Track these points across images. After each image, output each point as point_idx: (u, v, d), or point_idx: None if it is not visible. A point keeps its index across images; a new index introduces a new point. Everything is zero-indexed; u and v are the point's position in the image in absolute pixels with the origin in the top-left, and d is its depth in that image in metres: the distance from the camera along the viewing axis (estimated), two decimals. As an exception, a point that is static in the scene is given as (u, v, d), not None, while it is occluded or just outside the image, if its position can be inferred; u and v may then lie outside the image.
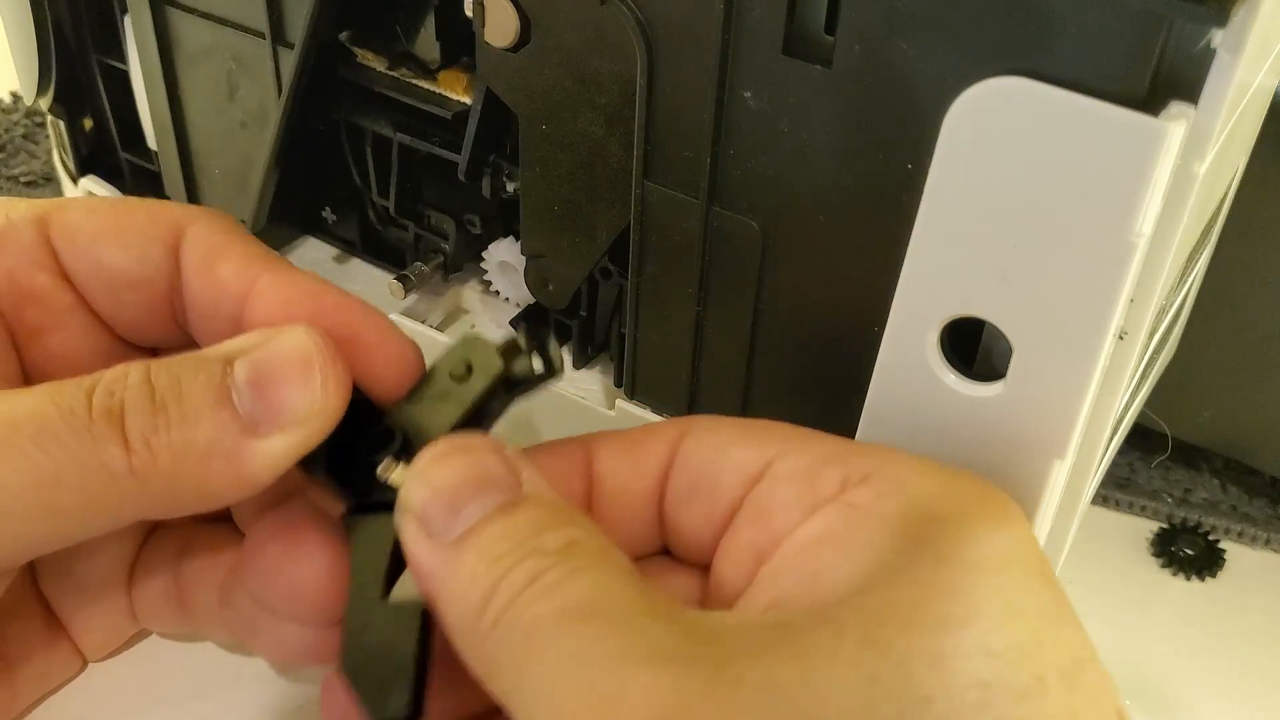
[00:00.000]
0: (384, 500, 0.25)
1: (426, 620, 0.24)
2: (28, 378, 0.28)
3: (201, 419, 0.24)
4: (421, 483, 0.24)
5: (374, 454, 0.26)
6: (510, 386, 0.26)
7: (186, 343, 0.29)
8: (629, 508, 0.27)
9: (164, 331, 0.29)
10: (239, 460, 0.24)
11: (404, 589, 0.25)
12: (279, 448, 0.25)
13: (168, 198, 0.41)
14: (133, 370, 0.25)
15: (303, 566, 0.26)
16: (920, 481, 0.24)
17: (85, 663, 0.32)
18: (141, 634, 0.32)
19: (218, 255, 0.28)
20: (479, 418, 0.26)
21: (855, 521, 0.23)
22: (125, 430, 0.24)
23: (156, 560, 0.31)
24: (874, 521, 0.23)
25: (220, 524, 0.31)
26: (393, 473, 0.25)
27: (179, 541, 0.30)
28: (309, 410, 0.25)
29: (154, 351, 0.30)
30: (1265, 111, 0.32)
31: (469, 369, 0.26)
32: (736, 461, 0.26)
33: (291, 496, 0.28)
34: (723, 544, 0.26)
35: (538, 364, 0.26)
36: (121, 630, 0.32)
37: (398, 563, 0.25)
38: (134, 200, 0.29)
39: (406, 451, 0.25)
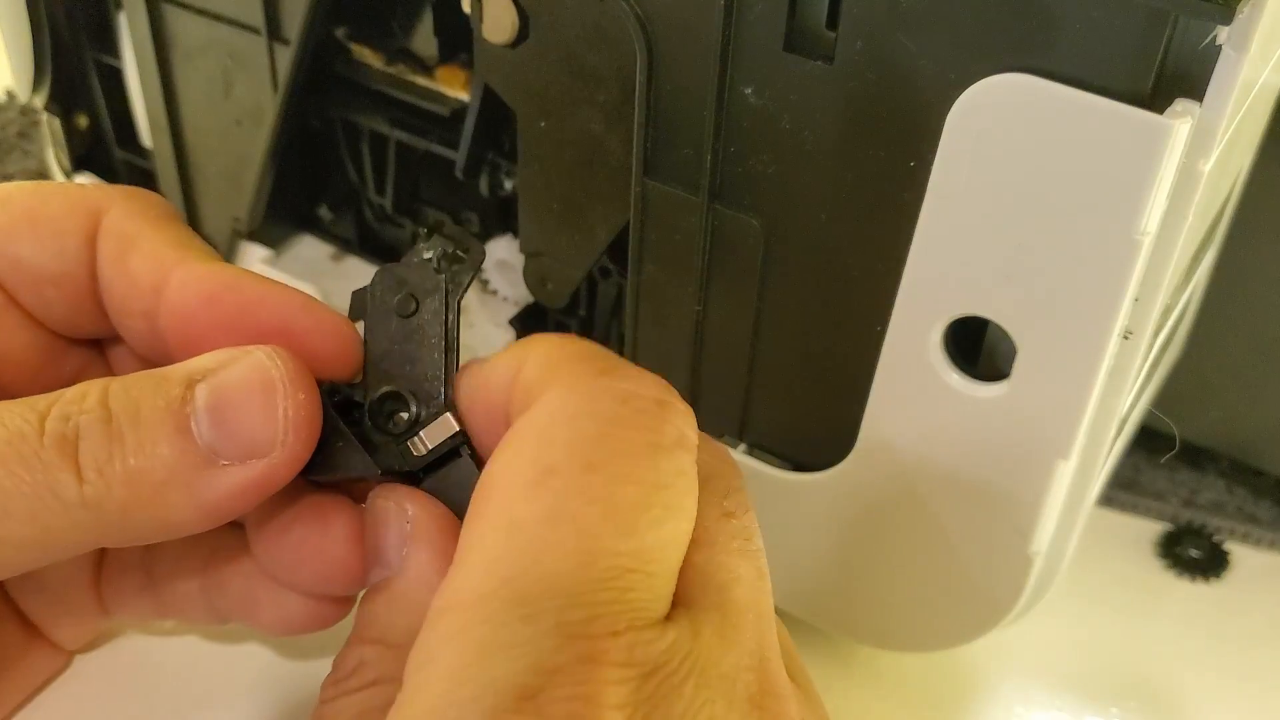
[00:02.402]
0: (416, 465, 0.25)
1: None
2: None
3: (158, 447, 0.23)
4: None
5: (387, 426, 0.25)
6: (455, 289, 0.26)
7: (115, 336, 0.28)
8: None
9: (96, 324, 0.28)
10: (197, 492, 0.23)
11: None
12: (239, 480, 0.23)
13: (163, 195, 0.41)
14: (91, 391, 0.23)
15: (333, 546, 0.26)
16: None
17: (70, 655, 0.31)
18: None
19: (129, 246, 0.27)
20: (454, 339, 0.26)
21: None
22: (78, 457, 0.23)
23: (124, 555, 0.30)
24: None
25: None
26: (425, 444, 0.25)
27: None
28: (270, 441, 0.24)
29: (98, 343, 0.30)
30: (1271, 109, 0.31)
31: (413, 299, 0.26)
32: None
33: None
34: None
35: (466, 255, 0.26)
36: (94, 624, 0.31)
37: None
38: (50, 187, 0.28)
39: (419, 412, 0.25)
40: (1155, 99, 0.22)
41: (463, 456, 0.25)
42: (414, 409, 0.25)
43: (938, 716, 0.34)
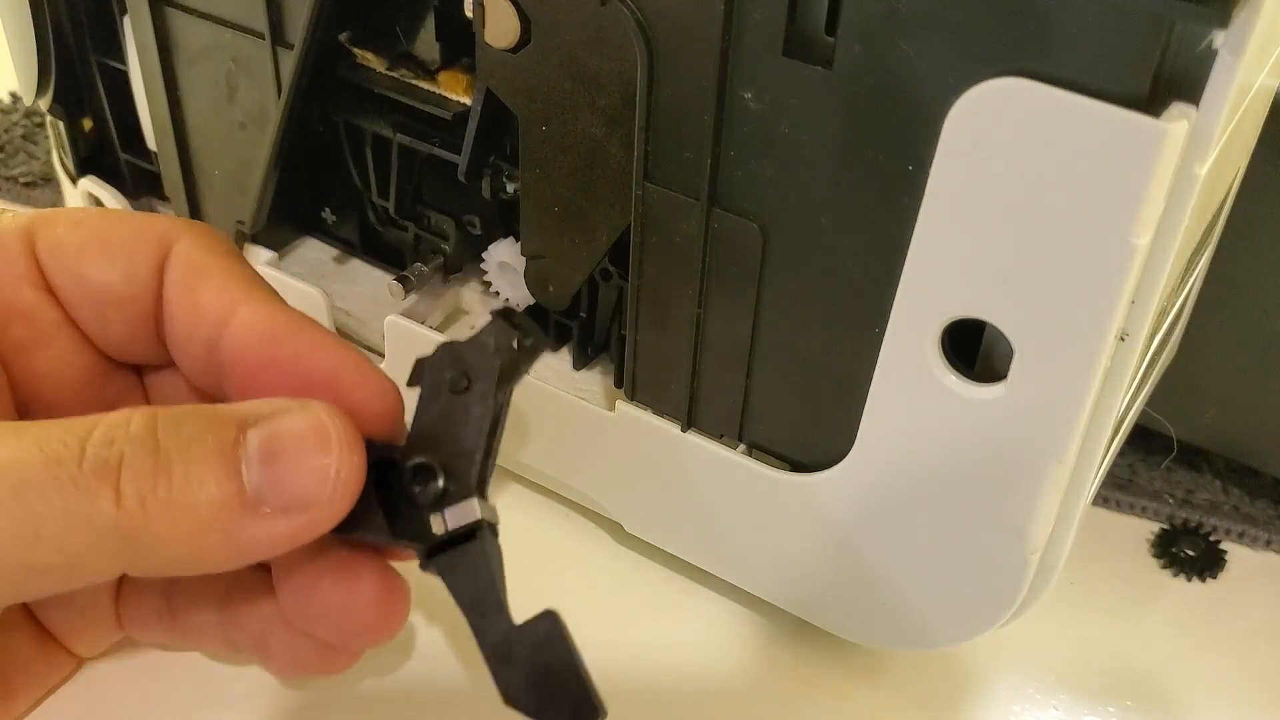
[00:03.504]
0: (431, 541, 0.25)
1: (564, 627, 0.24)
2: (14, 396, 0.28)
3: (206, 485, 0.23)
4: None
5: (416, 496, 0.25)
6: (509, 377, 0.26)
7: (171, 361, 0.29)
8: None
9: (149, 350, 0.29)
10: (235, 535, 0.23)
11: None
12: (280, 530, 0.23)
13: (167, 199, 0.41)
14: (136, 418, 0.23)
15: (359, 602, 0.26)
16: None
17: (81, 661, 0.32)
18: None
19: (199, 276, 0.27)
20: (497, 425, 0.26)
21: None
22: (120, 485, 0.22)
23: (145, 582, 0.30)
24: None
25: None
26: (446, 523, 0.25)
27: None
28: (317, 496, 0.24)
29: (138, 370, 0.30)
30: (1266, 112, 0.32)
31: (466, 377, 0.26)
32: None
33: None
34: None
35: (526, 342, 0.26)
36: (112, 637, 0.31)
37: (504, 585, 0.25)
38: (123, 213, 0.29)
39: (446, 490, 0.25)
40: (1152, 103, 0.22)
41: (477, 541, 0.25)
42: (444, 485, 0.25)
43: (936, 715, 0.34)
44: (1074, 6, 0.22)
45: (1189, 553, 0.39)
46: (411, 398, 0.26)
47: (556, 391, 0.35)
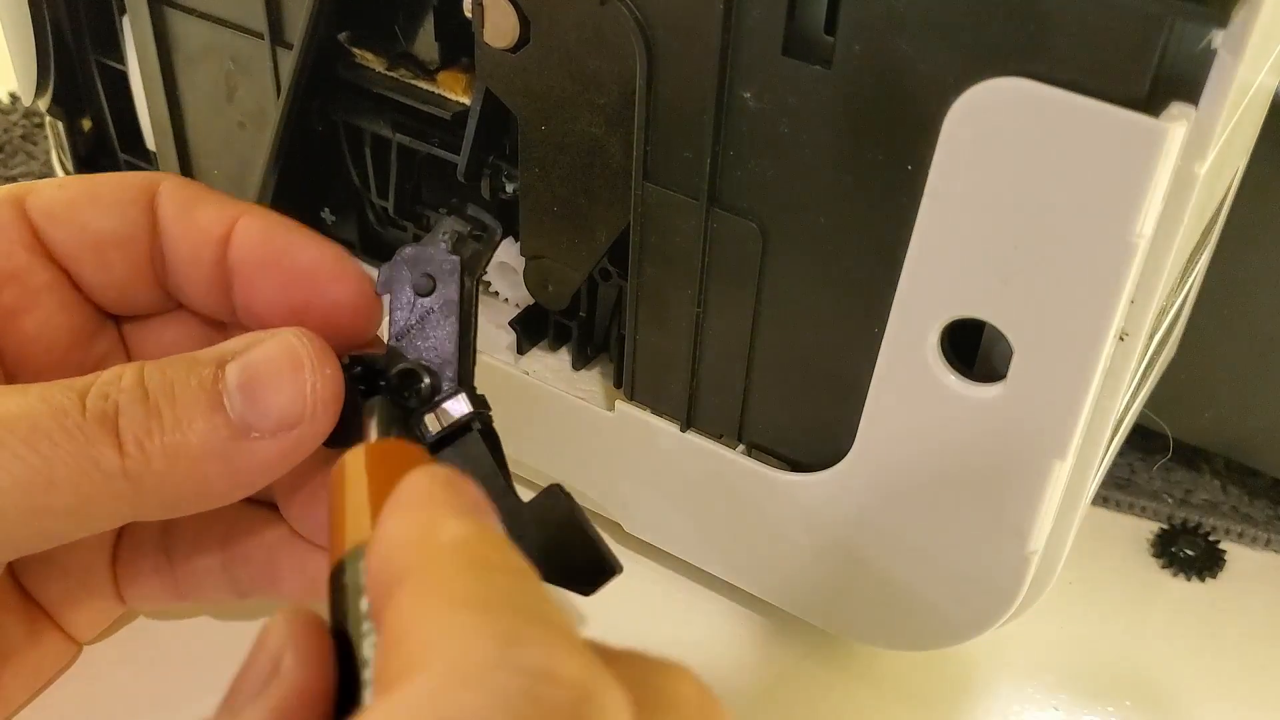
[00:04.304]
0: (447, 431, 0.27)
1: (570, 498, 0.26)
2: (2, 361, 0.28)
3: (195, 422, 0.24)
4: None
5: (406, 401, 0.27)
6: (471, 268, 0.27)
7: (167, 306, 0.30)
8: None
9: (146, 294, 0.30)
10: (232, 462, 0.25)
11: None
12: (272, 450, 0.25)
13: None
14: (127, 373, 0.25)
15: None
16: None
17: (79, 647, 0.32)
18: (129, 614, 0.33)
19: (194, 204, 0.29)
20: (469, 317, 0.27)
21: None
22: (119, 432, 0.24)
23: (141, 535, 0.31)
24: None
25: None
26: (439, 421, 0.26)
27: None
28: (299, 414, 0.25)
29: (119, 329, 0.31)
30: (1265, 112, 0.32)
31: (430, 278, 0.27)
32: None
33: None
34: None
35: (483, 234, 0.27)
36: (109, 612, 0.32)
37: (507, 468, 0.27)
38: (102, 174, 0.30)
39: (434, 389, 0.27)
40: (1151, 102, 0.22)
41: (473, 432, 0.27)
42: (430, 384, 0.27)
43: (935, 715, 0.34)
44: (1073, 6, 0.22)
45: (1188, 552, 0.39)
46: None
47: (556, 391, 0.35)
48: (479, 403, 0.27)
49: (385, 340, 0.28)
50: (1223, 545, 0.39)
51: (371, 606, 0.20)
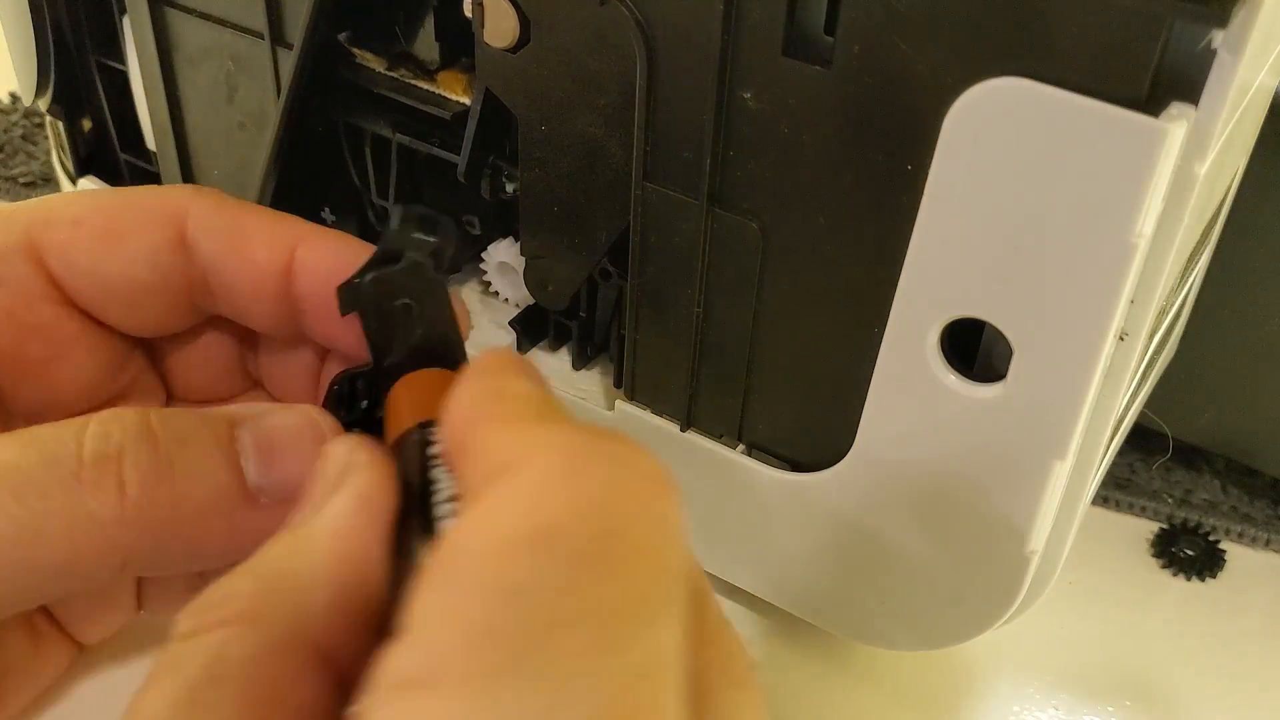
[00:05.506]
0: None
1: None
2: (29, 413, 0.27)
3: (209, 476, 0.23)
4: None
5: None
6: (440, 266, 0.26)
7: (201, 319, 0.29)
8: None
9: (183, 320, 0.29)
10: (236, 526, 0.24)
11: None
12: (277, 520, 0.23)
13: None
14: (128, 415, 0.24)
15: None
16: None
17: (80, 649, 0.31)
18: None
19: (238, 235, 0.27)
20: (448, 309, 0.26)
21: None
22: (122, 474, 0.23)
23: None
24: None
25: None
26: None
27: None
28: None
29: (148, 352, 0.30)
30: (1265, 112, 0.32)
31: (395, 290, 0.26)
32: None
33: None
34: None
35: (435, 232, 0.26)
36: (123, 621, 0.31)
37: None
38: (119, 196, 0.28)
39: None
40: (1151, 102, 0.22)
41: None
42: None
43: (935, 714, 0.34)
44: (1073, 6, 0.22)
45: (1188, 552, 0.39)
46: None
47: (556, 391, 0.35)
48: None
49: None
50: (1223, 545, 0.39)
51: (447, 453, 0.21)
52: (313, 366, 0.30)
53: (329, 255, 0.27)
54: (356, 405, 0.27)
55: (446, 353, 0.26)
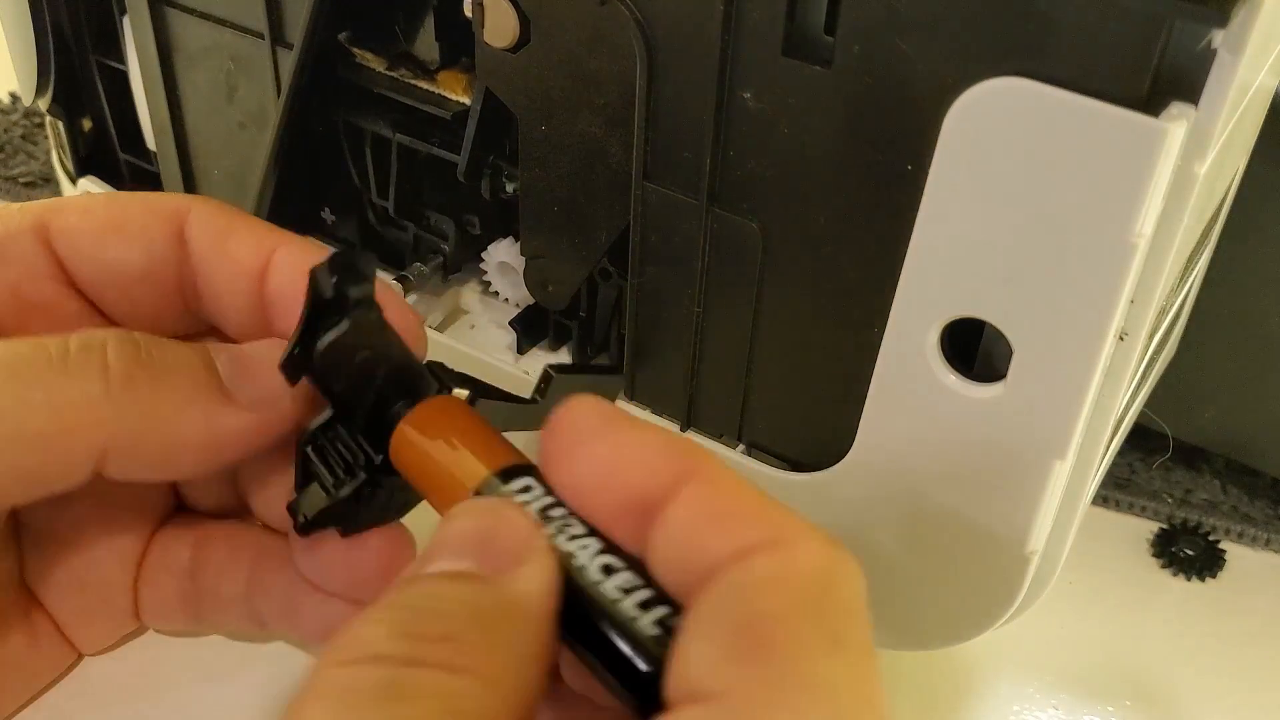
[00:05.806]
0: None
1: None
2: None
3: (186, 369, 0.25)
4: None
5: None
6: (366, 310, 0.25)
7: (198, 329, 0.30)
8: None
9: (176, 322, 0.30)
10: (212, 419, 0.25)
11: None
12: (250, 423, 0.26)
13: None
14: (111, 330, 0.25)
15: (366, 556, 0.27)
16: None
17: (80, 656, 0.31)
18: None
19: (227, 235, 0.28)
20: (399, 346, 0.26)
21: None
22: (106, 359, 0.24)
23: (169, 558, 0.30)
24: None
25: (229, 520, 0.31)
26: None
27: (192, 537, 0.30)
28: (279, 395, 0.26)
29: None
30: (1266, 112, 0.32)
31: (343, 335, 0.25)
32: None
33: None
34: None
35: (362, 275, 0.25)
36: (121, 630, 0.31)
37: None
38: (127, 195, 0.30)
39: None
40: (1151, 102, 0.22)
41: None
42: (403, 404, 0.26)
43: (935, 714, 0.34)
44: (1073, 6, 0.22)
45: (1188, 552, 0.39)
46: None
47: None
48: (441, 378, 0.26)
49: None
50: (1223, 545, 0.39)
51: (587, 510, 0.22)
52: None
53: (305, 260, 0.27)
54: (343, 461, 0.26)
55: (413, 380, 0.26)
